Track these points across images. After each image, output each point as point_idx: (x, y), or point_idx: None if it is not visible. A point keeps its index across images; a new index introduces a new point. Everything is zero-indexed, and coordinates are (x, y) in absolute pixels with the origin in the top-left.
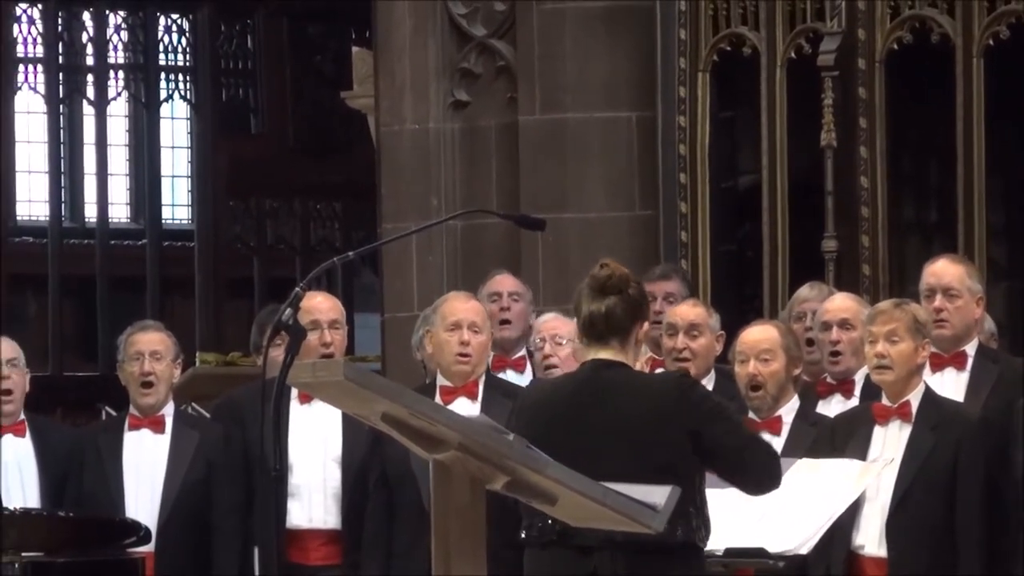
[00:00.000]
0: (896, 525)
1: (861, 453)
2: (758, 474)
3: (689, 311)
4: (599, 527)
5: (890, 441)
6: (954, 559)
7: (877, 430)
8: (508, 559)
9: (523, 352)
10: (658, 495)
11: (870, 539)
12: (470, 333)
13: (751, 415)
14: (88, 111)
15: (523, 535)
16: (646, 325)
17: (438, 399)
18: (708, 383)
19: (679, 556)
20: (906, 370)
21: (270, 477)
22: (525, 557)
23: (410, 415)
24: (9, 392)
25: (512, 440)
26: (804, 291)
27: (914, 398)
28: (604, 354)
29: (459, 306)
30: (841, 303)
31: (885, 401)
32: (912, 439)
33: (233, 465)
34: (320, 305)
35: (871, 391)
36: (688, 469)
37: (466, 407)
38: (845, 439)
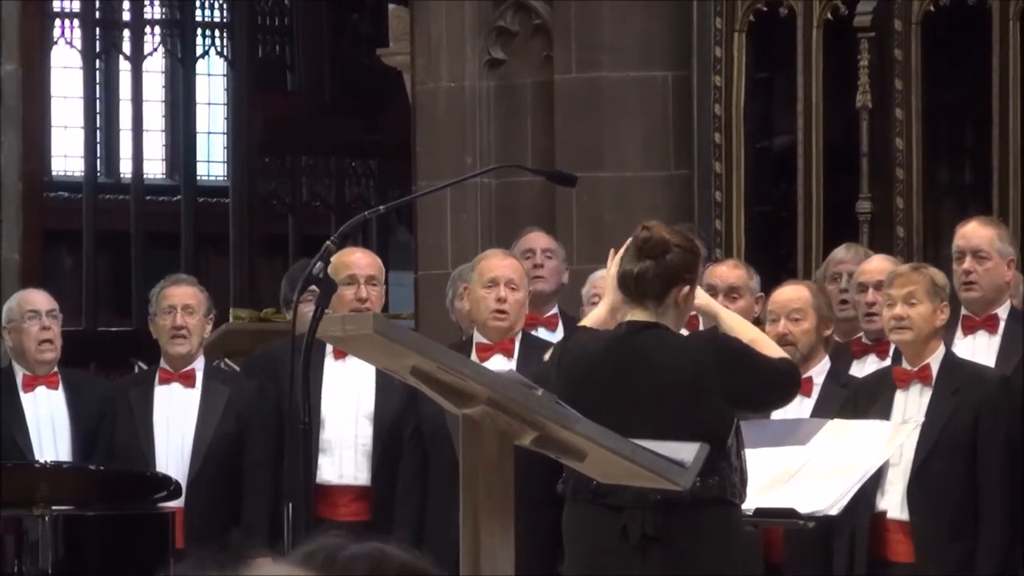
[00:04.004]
0: (917, 489)
1: (883, 417)
2: (776, 403)
3: (729, 272)
4: (627, 484)
5: (911, 405)
6: (976, 522)
7: (898, 394)
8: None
9: (555, 310)
10: (687, 452)
11: (893, 503)
12: (507, 290)
13: None
14: (124, 67)
15: (559, 489)
16: (686, 289)
17: (474, 356)
18: None
19: (711, 512)
20: (924, 332)
21: (299, 431)
22: (563, 511)
23: (439, 369)
24: (51, 341)
25: (541, 395)
26: (840, 252)
27: (934, 361)
28: (639, 315)
29: (497, 263)
30: (878, 265)
31: (905, 365)
32: (932, 403)
33: (266, 419)
34: (358, 261)
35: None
36: (722, 427)
37: (502, 364)
38: (868, 404)
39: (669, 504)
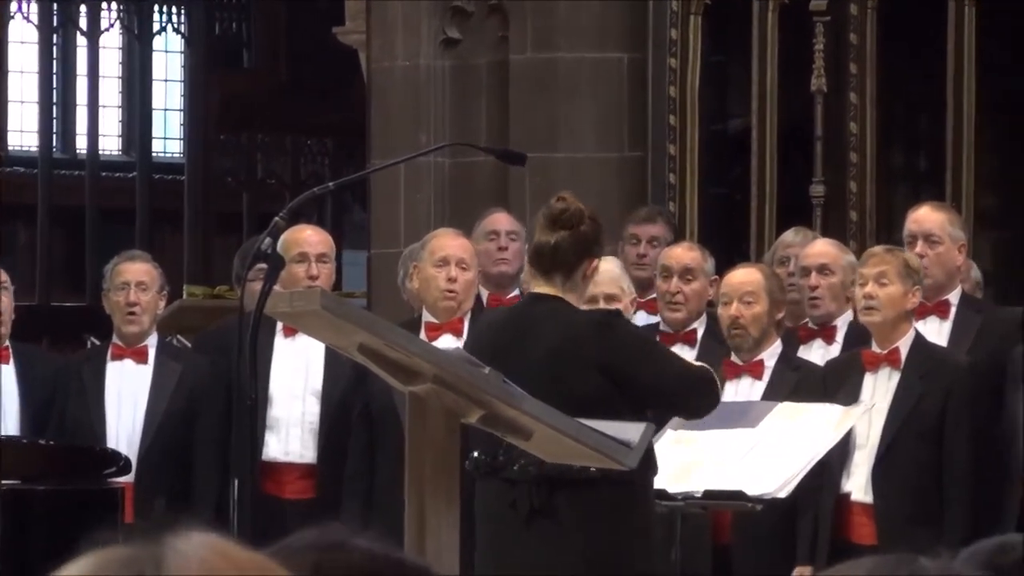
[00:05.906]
0: (882, 472)
1: (852, 400)
2: (690, 402)
3: (684, 254)
4: (572, 463)
5: (880, 388)
6: (940, 506)
7: (867, 377)
8: None
9: (518, 291)
10: (632, 432)
11: (857, 486)
12: (458, 270)
13: (733, 358)
14: (81, 42)
15: (466, 466)
16: (596, 263)
17: (423, 335)
18: (700, 326)
19: (597, 490)
20: (894, 313)
21: (246, 407)
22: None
23: (385, 346)
24: None
25: (488, 374)
26: (789, 235)
27: (903, 345)
28: (545, 287)
29: (448, 242)
30: (821, 248)
31: (875, 348)
32: (900, 386)
33: (216, 396)
34: (309, 238)
35: (854, 338)
36: (593, 398)
37: (451, 344)
38: (836, 386)
39: (551, 480)
